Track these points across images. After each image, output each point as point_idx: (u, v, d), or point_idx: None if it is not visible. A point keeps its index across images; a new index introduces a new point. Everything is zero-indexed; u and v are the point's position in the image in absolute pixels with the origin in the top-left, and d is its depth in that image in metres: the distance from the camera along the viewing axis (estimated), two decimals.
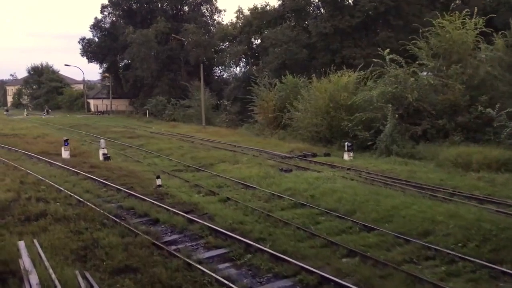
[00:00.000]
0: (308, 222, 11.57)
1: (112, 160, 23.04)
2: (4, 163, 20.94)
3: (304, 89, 31.81)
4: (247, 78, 53.04)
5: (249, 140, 30.73)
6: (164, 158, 23.85)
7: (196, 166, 20.99)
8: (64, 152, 23.68)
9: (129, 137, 34.23)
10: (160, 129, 42.20)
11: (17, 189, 15.02)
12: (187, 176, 18.59)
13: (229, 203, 13.85)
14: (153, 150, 26.79)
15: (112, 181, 16.92)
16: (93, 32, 65.71)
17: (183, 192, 15.58)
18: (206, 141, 30.92)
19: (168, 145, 28.24)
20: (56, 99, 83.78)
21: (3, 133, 36.14)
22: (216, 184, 16.73)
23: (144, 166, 21.63)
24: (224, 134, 35.55)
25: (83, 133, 38.90)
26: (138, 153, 26.21)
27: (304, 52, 39.15)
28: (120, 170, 19.79)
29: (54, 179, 17.02)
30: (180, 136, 35.16)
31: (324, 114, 26.47)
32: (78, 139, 33.44)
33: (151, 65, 56.71)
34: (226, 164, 20.82)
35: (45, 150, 25.58)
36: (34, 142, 29.71)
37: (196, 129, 40.46)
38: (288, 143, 27.66)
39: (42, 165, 21.10)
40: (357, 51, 39.14)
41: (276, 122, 33.65)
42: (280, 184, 16.00)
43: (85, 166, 20.51)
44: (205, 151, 25.05)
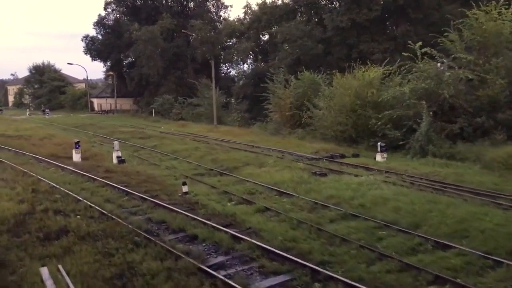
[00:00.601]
0: (369, 238, 10.06)
1: (127, 163, 21.55)
2: (12, 168, 19.43)
3: (324, 85, 30.33)
4: (256, 75, 51.66)
5: (267, 140, 29.22)
6: (182, 160, 22.34)
7: (218, 169, 19.49)
8: (75, 155, 22.18)
9: (140, 138, 32.72)
10: (170, 128, 40.70)
11: (31, 199, 13.52)
12: (212, 181, 17.08)
13: (269, 214, 12.34)
14: (168, 151, 25.29)
15: (133, 188, 15.41)
16: (96, 29, 64.20)
17: (213, 200, 14.08)
18: (221, 142, 29.40)
19: (183, 146, 26.73)
20: (58, 98, 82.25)
21: (7, 134, 34.57)
22: (247, 191, 15.22)
23: (162, 169, 20.11)
24: (238, 134, 34.02)
25: (90, 134, 37.39)
26: (153, 155, 24.70)
27: (319, 47, 37.59)
28: (138, 174, 18.29)
29: (69, 187, 15.51)
30: (192, 136, 33.65)
31: (349, 112, 24.94)
32: (86, 141, 31.90)
33: (157, 62, 55.11)
34: (251, 167, 19.31)
35: (54, 152, 24.07)
36: (41, 144, 28.16)
37: (208, 129, 38.95)
38: (310, 143, 26.15)
39: (53, 170, 19.59)
40: (374, 45, 37.59)
41: (293, 120, 32.12)
42: (320, 190, 14.50)
43: (99, 171, 19.02)
44: (225, 153, 23.53)
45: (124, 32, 62.12)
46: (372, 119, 23.67)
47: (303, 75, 33.05)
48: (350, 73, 27.20)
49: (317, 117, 27.42)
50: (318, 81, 32.56)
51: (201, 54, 57.06)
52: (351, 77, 25.98)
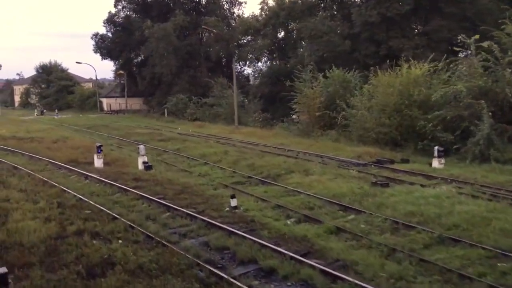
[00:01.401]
0: (492, 273, 8.02)
1: (154, 169, 19.56)
2: (29, 176, 17.48)
3: (356, 83, 28.32)
4: (273, 73, 49.66)
5: (297, 143, 27.19)
6: (214, 166, 20.31)
7: (259, 177, 17.45)
8: (97, 160, 20.20)
9: (159, 140, 30.73)
10: (187, 129, 38.74)
11: (58, 216, 11.56)
12: (257, 192, 15.05)
13: (345, 237, 10.31)
14: (195, 155, 23.27)
15: (172, 201, 13.42)
16: (106, 27, 62.26)
17: (269, 217, 12.04)
18: (249, 144, 27.37)
19: (209, 150, 24.69)
20: (66, 98, 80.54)
21: (18, 136, 32.66)
22: (303, 205, 13.18)
23: (195, 177, 18.10)
24: (263, 136, 31.99)
25: (105, 136, 35.43)
26: (179, 160, 22.71)
27: (346, 43, 35.48)
28: (171, 184, 16.29)
29: (99, 200, 13.53)
30: (214, 138, 31.64)
31: (392, 113, 22.87)
32: (103, 143, 29.90)
33: (170, 61, 53.15)
34: (296, 174, 17.27)
35: (72, 157, 22.08)
36: (56, 147, 26.18)
37: (228, 130, 36.94)
38: (348, 147, 24.10)
39: (75, 178, 17.61)
40: (404, 41, 35.47)
41: (323, 121, 30.07)
42: (392, 205, 12.44)
43: (127, 179, 17.05)
44: (258, 157, 21.47)
45: (135, 30, 60.25)
46: (420, 120, 21.60)
47: (332, 72, 30.99)
48: (385, 70, 25.11)
49: (355, 117, 25.34)
50: (349, 79, 30.54)
51: (215, 52, 55.11)
52: (394, 74, 23.85)
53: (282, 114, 47.48)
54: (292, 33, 51.88)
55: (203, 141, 29.60)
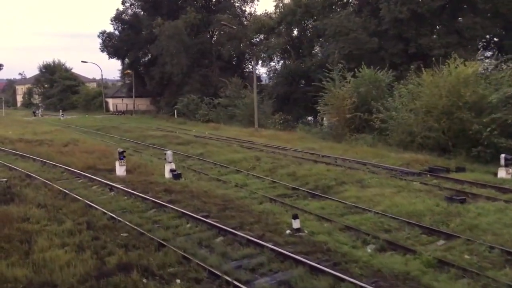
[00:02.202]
0: None
1: (184, 178, 17.53)
2: (46, 186, 15.44)
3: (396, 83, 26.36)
4: (288, 73, 47.65)
5: (330, 148, 25.13)
6: (248, 174, 18.25)
7: (305, 188, 15.41)
8: (119, 168, 18.14)
9: (178, 143, 28.66)
10: (203, 132, 36.73)
11: (91, 242, 9.53)
12: (312, 208, 13.00)
13: (453, 272, 8.26)
14: (222, 162, 21.23)
15: (220, 221, 11.37)
16: (114, 25, 60.21)
17: (343, 243, 9.97)
18: (276, 149, 25.31)
19: (236, 155, 22.65)
20: (70, 98, 78.51)
21: (26, 139, 30.60)
22: (376, 226, 11.13)
23: (232, 188, 16.03)
24: (288, 139, 29.93)
25: (117, 138, 33.42)
26: (207, 167, 20.66)
27: (374, 41, 33.44)
28: (208, 196, 14.26)
29: (133, 218, 11.49)
30: (234, 141, 29.59)
31: (440, 115, 20.82)
32: (117, 147, 27.92)
33: (181, 60, 51.05)
34: (350, 186, 15.23)
35: (89, 163, 20.02)
36: (68, 152, 24.10)
37: (247, 132, 34.91)
38: (389, 152, 22.05)
39: (98, 189, 15.57)
40: (435, 39, 33.46)
41: (353, 124, 28.05)
42: (489, 228, 10.39)
43: (158, 190, 15.03)
44: (296, 165, 19.39)
45: (144, 28, 58.25)
46: (474, 123, 19.56)
47: (363, 71, 28.97)
48: (430, 69, 23.10)
49: (395, 120, 23.28)
50: (382, 78, 28.52)
51: (228, 51, 53.10)
52: (440, 73, 21.80)
53: (296, 116, 45.58)
54: (308, 31, 49.93)
55: (225, 144, 27.55)
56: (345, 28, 33.48)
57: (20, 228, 10.30)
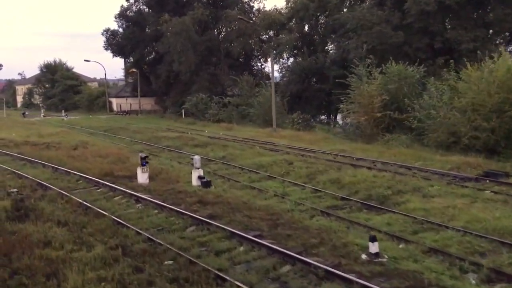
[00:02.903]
0: None
1: (214, 185, 15.71)
2: (62, 198, 13.57)
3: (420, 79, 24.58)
4: (302, 70, 45.76)
5: (362, 149, 23.29)
6: (284, 181, 16.43)
7: (357, 198, 13.62)
8: (141, 175, 16.29)
9: (194, 145, 26.87)
10: (216, 132, 34.90)
11: (134, 277, 7.70)
12: (376, 223, 11.19)
13: None
14: (250, 166, 19.42)
15: (277, 242, 9.55)
16: (118, 22, 58.31)
17: (438, 272, 8.16)
18: (302, 151, 23.45)
19: (263, 158, 20.83)
20: (72, 98, 76.48)
21: (32, 142, 28.71)
22: (466, 248, 9.30)
23: (272, 198, 14.22)
24: (312, 140, 28.12)
25: (127, 140, 31.59)
26: (234, 172, 18.83)
27: (399, 35, 31.59)
28: (249, 209, 12.44)
29: (174, 239, 9.68)
30: (254, 142, 27.75)
31: (489, 114, 19.01)
32: (130, 150, 26.14)
33: (189, 57, 49.17)
34: (409, 196, 13.40)
35: (105, 169, 18.16)
36: (79, 156, 22.24)
37: (265, 133, 33.07)
38: (431, 154, 20.26)
39: (123, 200, 13.71)
40: (463, 33, 31.62)
41: (383, 123, 26.25)
42: None
43: (190, 202, 13.21)
44: (334, 170, 17.53)
45: (149, 25, 56.38)
46: None
47: (391, 67, 27.17)
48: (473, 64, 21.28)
49: (436, 119, 21.44)
50: (412, 74, 26.73)
51: (238, 48, 51.20)
52: (486, 67, 19.97)
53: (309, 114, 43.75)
54: (321, 27, 48.10)
55: (246, 146, 25.72)
56: (368, 22, 31.61)
57: (42, 256, 8.48)
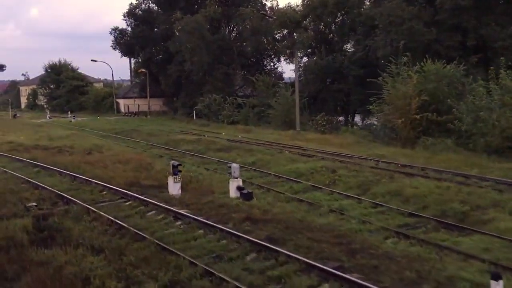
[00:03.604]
0: None
1: (256, 199, 13.91)
2: (89, 213, 11.74)
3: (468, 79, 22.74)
4: (320, 70, 43.99)
5: (402, 155, 21.45)
6: (333, 192, 14.62)
7: (429, 215, 11.81)
8: (173, 185, 14.45)
9: (217, 150, 25.14)
10: (234, 135, 33.09)
11: None
12: (468, 248, 9.38)
13: None
14: (287, 174, 17.65)
15: (366, 277, 7.75)
16: (126, 20, 56.49)
17: None
18: (336, 155, 21.58)
19: (300, 165, 19.02)
20: (78, 99, 74.73)
21: (42, 145, 26.81)
22: None
23: (329, 214, 12.43)
24: (341, 144, 26.36)
25: (143, 143, 29.84)
26: (271, 181, 17.06)
27: (432, 32, 29.74)
28: (310, 229, 10.65)
29: (240, 275, 7.86)
30: (280, 146, 25.89)
31: None
32: (150, 155, 24.37)
33: (202, 57, 47.33)
34: (494, 212, 11.59)
35: (129, 178, 16.38)
36: (97, 161, 20.37)
37: (288, 135, 31.22)
38: (484, 161, 18.43)
39: (158, 216, 11.88)
40: (499, 30, 29.78)
41: (421, 126, 24.42)
42: None
43: (237, 219, 11.37)
44: (387, 179, 15.61)
45: (159, 24, 54.64)
46: None
47: (429, 66, 25.35)
48: None
49: (489, 122, 19.60)
50: (451, 73, 24.90)
51: (252, 47, 49.41)
52: None
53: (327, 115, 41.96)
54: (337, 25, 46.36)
55: (274, 151, 23.89)
56: (399, 18, 29.75)
57: None
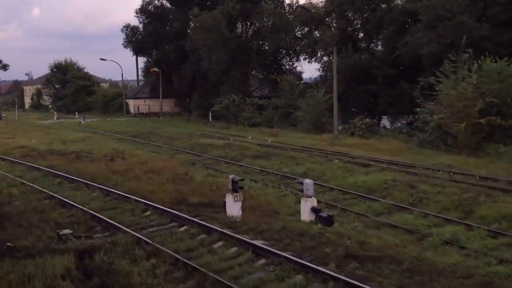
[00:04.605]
0: None
1: (338, 224, 11.28)
2: (141, 246, 9.11)
3: None
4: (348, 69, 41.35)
5: (472, 165, 18.82)
6: (427, 215, 12.03)
7: None
8: (233, 204, 11.78)
9: (254, 156, 22.56)
10: (263, 139, 30.50)
11: None
12: None
13: None
14: (354, 188, 15.12)
15: None
16: (139, 17, 53.90)
17: None
18: (398, 165, 19.00)
19: (361, 177, 16.47)
20: (85, 99, 72.12)
21: (57, 150, 24.00)
22: None
23: (441, 247, 9.85)
24: (391, 150, 23.83)
25: (165, 148, 27.25)
26: (337, 197, 14.46)
27: (485, 27, 27.11)
28: (436, 272, 8.10)
29: None
30: (321, 152, 23.37)
31: None
32: (179, 162, 21.66)
33: (220, 55, 44.70)
34: None
35: (172, 193, 13.75)
36: (126, 171, 17.60)
37: (324, 140, 28.61)
38: None
39: (228, 250, 9.22)
40: None
41: (483, 131, 21.80)
42: None
43: (334, 256, 8.77)
44: (486, 198, 13.05)
45: (173, 21, 52.02)
46: None
47: (490, 65, 22.74)
48: None
49: None
50: None
51: (272, 45, 46.79)
52: None
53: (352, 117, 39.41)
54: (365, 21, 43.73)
55: (320, 159, 21.24)
56: (448, 12, 27.10)
57: None
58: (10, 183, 15.53)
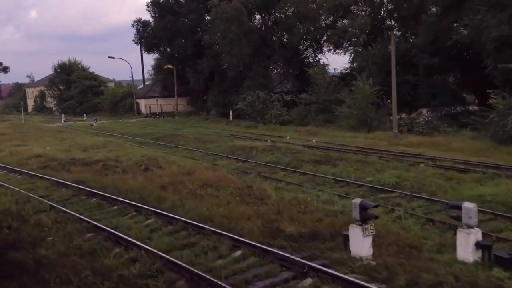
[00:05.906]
0: None
1: None
2: None
3: None
4: (385, 60, 37.86)
5: None
6: None
7: None
8: (361, 240, 8.29)
9: (314, 162, 18.99)
10: (306, 139, 27.15)
11: None
12: None
13: None
14: (482, 205, 11.57)
15: None
16: (150, 11, 50.37)
17: None
18: (496, 168, 15.62)
19: (485, 189, 12.99)
20: (92, 100, 68.74)
21: (80, 159, 20.43)
22: None
23: None
24: (471, 150, 20.41)
25: (198, 152, 23.81)
26: None
27: None
28: None
29: None
30: (388, 154, 19.96)
31: None
32: (228, 170, 18.12)
33: (242, 49, 41.18)
34: None
35: (255, 218, 10.40)
36: (178, 186, 13.97)
37: (381, 139, 25.17)
38: None
39: None
40: None
41: None
42: None
43: None
44: None
45: (188, 14, 48.49)
46: None
47: None
48: None
49: None
50: None
51: (298, 36, 43.24)
52: None
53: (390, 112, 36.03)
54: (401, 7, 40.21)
55: (399, 163, 17.80)
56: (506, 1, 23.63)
57: None
58: (37, 207, 12.13)
